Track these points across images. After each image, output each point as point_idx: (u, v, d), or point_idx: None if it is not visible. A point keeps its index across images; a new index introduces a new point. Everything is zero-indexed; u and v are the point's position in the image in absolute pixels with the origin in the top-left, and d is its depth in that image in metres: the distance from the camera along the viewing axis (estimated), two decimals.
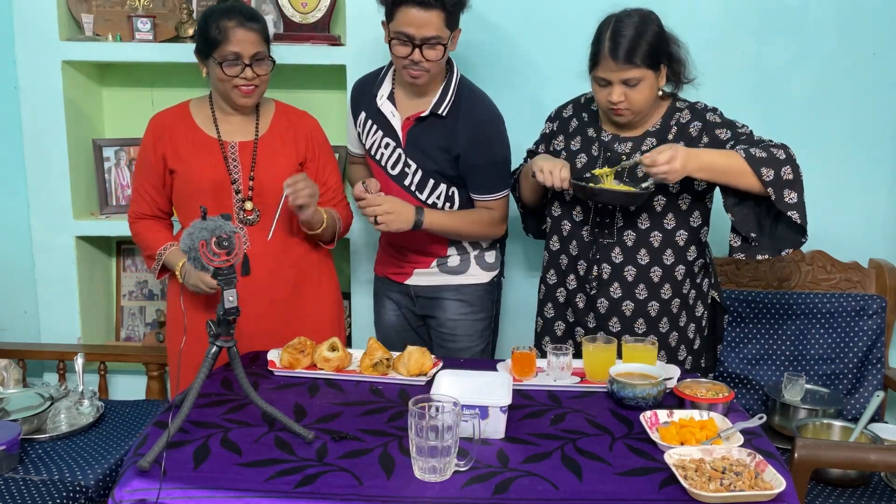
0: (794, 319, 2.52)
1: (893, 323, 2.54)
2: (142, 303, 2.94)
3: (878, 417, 2.41)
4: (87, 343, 2.75)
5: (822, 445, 1.72)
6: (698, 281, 2.12)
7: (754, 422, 1.57)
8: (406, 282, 2.35)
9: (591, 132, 2.12)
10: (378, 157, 2.25)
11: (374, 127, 2.24)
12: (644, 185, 1.96)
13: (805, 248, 2.59)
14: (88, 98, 2.78)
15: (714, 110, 2.06)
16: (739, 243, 1.98)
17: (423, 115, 2.16)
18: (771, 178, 1.88)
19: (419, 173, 2.20)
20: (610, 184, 2.00)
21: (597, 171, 2.02)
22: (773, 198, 1.89)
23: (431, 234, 2.22)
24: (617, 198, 1.96)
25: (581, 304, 2.13)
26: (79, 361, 2.32)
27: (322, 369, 1.89)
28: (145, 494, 1.33)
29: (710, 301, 2.16)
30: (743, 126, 2.03)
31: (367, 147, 2.27)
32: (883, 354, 2.50)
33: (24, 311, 2.85)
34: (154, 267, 2.16)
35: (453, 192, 2.23)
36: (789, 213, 1.90)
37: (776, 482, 1.34)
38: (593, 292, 2.09)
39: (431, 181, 2.20)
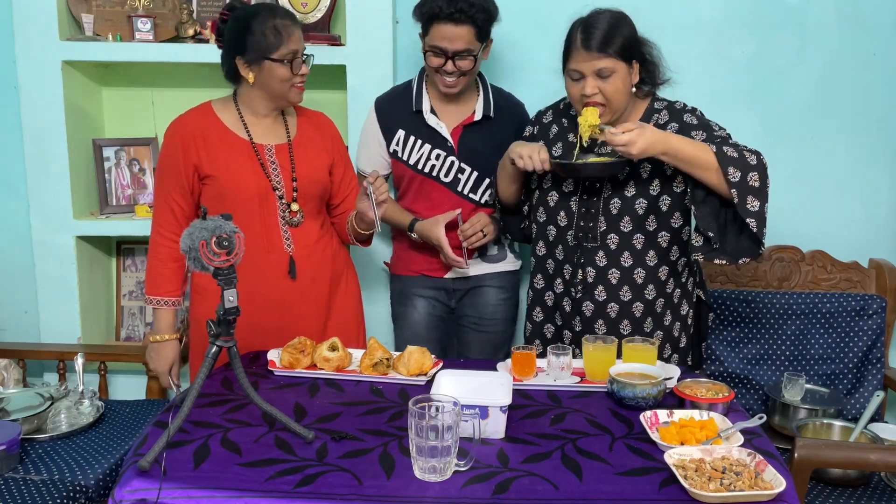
0: (794, 319, 2.52)
1: (893, 323, 2.54)
2: (142, 303, 2.94)
3: (878, 417, 2.42)
4: (87, 343, 2.75)
5: (822, 445, 1.72)
6: (683, 280, 2.12)
7: (754, 422, 1.57)
8: (446, 276, 2.44)
9: (571, 137, 2.12)
10: (428, 169, 2.34)
11: (420, 142, 2.34)
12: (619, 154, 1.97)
13: (805, 248, 2.61)
14: (88, 98, 2.78)
15: (693, 111, 2.05)
16: (701, 243, 1.97)
17: (474, 119, 2.33)
18: (737, 179, 1.87)
19: (474, 175, 2.34)
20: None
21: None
22: (735, 201, 1.87)
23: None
24: (598, 169, 1.98)
25: (568, 308, 2.13)
26: (79, 361, 2.32)
27: (322, 369, 1.89)
28: (145, 494, 1.33)
29: (694, 299, 2.17)
30: (720, 129, 2.02)
31: (412, 163, 2.35)
32: (883, 354, 2.50)
33: (24, 311, 2.85)
34: (145, 302, 2.22)
35: None
36: (747, 220, 1.88)
37: (776, 482, 1.34)
38: (579, 296, 2.09)
39: (486, 180, 2.35)
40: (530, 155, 2.00)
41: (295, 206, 2.12)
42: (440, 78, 2.24)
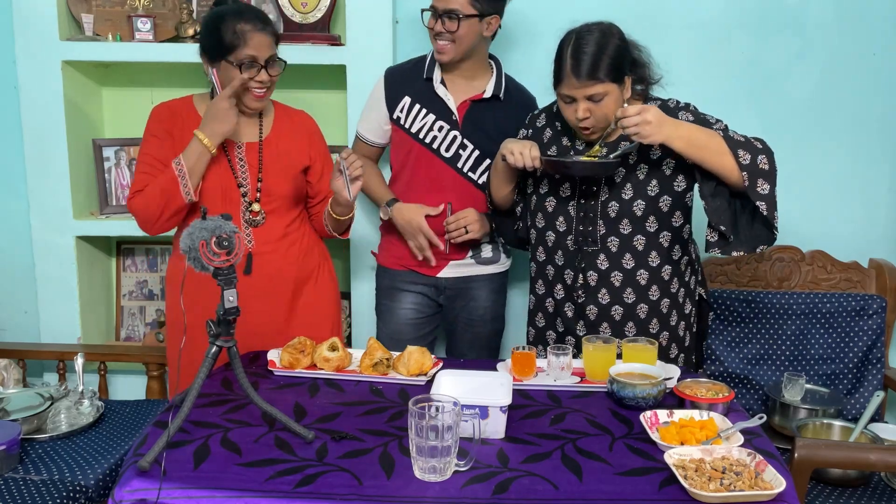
0: (794, 319, 2.52)
1: (893, 323, 2.54)
2: (142, 303, 2.94)
3: (878, 417, 2.42)
4: (87, 343, 2.75)
5: (822, 445, 1.72)
6: (686, 279, 2.12)
7: (754, 422, 1.57)
8: (438, 275, 2.40)
9: (565, 141, 2.11)
10: (429, 140, 2.31)
11: (424, 111, 2.31)
12: (614, 154, 1.96)
13: (805, 248, 2.61)
14: (88, 98, 2.78)
15: (686, 107, 2.03)
16: (716, 239, 1.96)
17: (484, 97, 2.31)
18: (747, 162, 1.86)
19: (475, 154, 2.32)
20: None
21: (588, 157, 2.02)
22: (746, 184, 1.87)
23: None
24: (587, 168, 1.97)
25: (570, 314, 2.12)
26: (79, 361, 2.31)
27: (322, 369, 1.89)
28: (145, 494, 1.33)
29: (696, 298, 2.17)
30: (717, 121, 2.00)
31: (414, 131, 2.32)
32: (883, 354, 2.50)
33: (24, 311, 2.86)
34: (183, 180, 2.00)
35: None
36: (758, 204, 1.88)
37: (776, 482, 1.34)
38: (581, 300, 2.09)
39: (487, 161, 2.30)
40: (521, 151, 1.99)
41: (256, 207, 2.11)
42: (434, 42, 2.24)
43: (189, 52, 2.59)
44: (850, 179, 2.70)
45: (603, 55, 1.89)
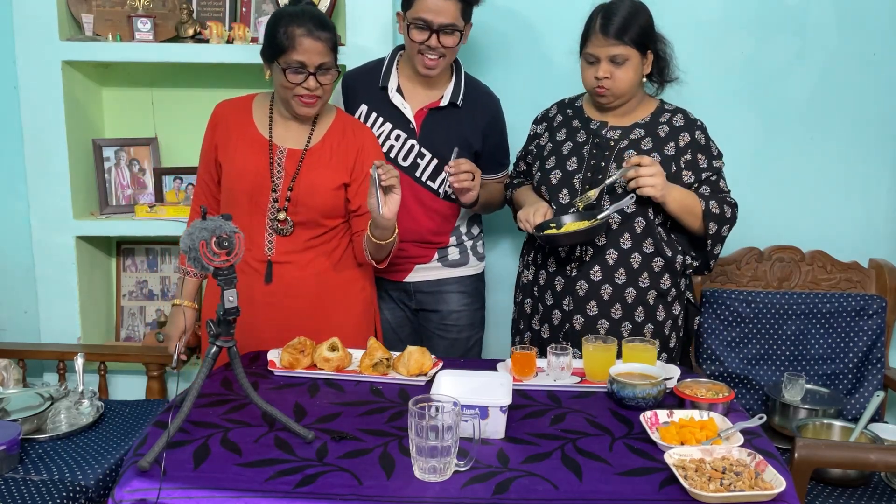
0: (794, 319, 2.52)
1: (893, 323, 2.54)
2: (142, 303, 2.94)
3: (878, 417, 2.42)
4: (87, 343, 2.75)
5: (822, 445, 1.72)
6: (677, 279, 2.15)
7: (754, 422, 1.57)
8: (405, 279, 2.37)
9: (575, 123, 2.16)
10: (386, 149, 2.26)
11: (381, 119, 2.27)
12: (601, 215, 2.01)
13: (805, 248, 2.61)
14: (88, 98, 2.78)
15: (701, 126, 2.12)
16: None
17: (440, 105, 2.24)
18: (713, 231, 2.07)
19: (434, 163, 2.26)
20: (572, 225, 2.04)
21: (580, 201, 2.08)
22: (708, 248, 2.11)
23: (435, 221, 2.31)
24: (577, 237, 2.02)
25: (559, 288, 2.13)
26: (79, 361, 2.31)
27: (322, 369, 1.89)
28: (145, 494, 1.33)
29: (685, 301, 2.20)
30: (718, 156, 2.12)
31: None
32: (883, 354, 2.50)
33: (24, 311, 2.85)
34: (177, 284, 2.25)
35: None
36: (709, 259, 2.14)
37: (776, 482, 1.34)
38: (574, 273, 2.10)
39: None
40: (527, 219, 2.07)
41: (282, 216, 2.06)
42: (421, 57, 2.16)
43: (189, 52, 2.60)
44: (850, 179, 2.70)
45: (632, 21, 2.01)
